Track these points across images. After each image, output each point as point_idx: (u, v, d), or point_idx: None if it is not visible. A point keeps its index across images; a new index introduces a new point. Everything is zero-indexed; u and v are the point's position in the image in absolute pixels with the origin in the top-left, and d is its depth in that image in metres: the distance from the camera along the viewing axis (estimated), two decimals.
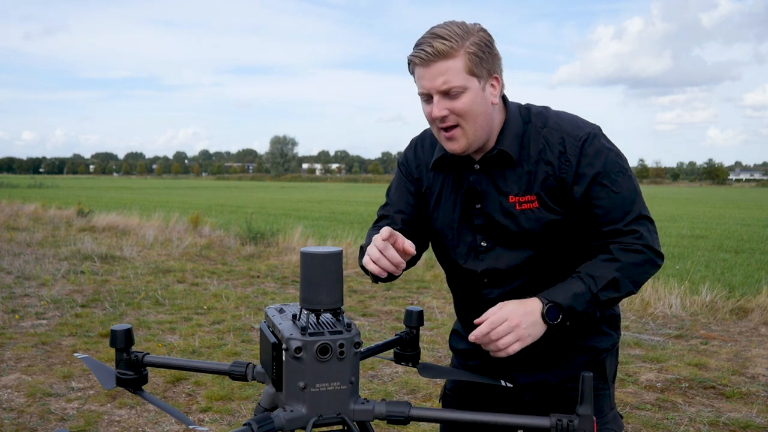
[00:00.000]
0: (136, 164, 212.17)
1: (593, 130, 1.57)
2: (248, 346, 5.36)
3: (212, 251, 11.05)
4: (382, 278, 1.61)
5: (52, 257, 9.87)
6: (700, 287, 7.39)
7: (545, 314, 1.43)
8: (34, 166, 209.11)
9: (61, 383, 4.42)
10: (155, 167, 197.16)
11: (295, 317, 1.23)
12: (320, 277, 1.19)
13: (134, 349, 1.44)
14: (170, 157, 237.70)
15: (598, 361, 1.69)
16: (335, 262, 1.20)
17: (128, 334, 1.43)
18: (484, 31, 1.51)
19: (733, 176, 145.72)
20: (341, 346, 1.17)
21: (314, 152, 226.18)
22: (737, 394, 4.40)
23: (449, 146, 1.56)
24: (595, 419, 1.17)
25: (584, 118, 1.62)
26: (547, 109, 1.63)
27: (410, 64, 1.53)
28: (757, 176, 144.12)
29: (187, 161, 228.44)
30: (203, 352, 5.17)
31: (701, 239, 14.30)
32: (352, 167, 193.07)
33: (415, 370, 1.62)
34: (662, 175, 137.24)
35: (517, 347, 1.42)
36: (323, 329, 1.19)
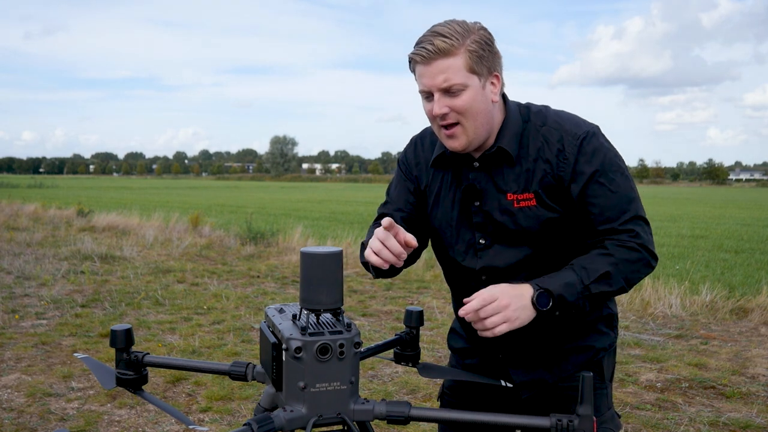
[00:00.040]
0: (136, 164, 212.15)
1: (592, 129, 1.57)
2: (248, 346, 5.36)
3: (212, 251, 11.05)
4: (383, 271, 1.62)
5: (52, 257, 9.87)
6: (700, 287, 7.39)
7: (535, 300, 1.42)
8: (34, 166, 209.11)
9: (61, 383, 4.42)
10: (155, 167, 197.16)
11: (295, 317, 1.23)
12: (320, 277, 1.19)
13: (134, 349, 1.44)
14: (170, 157, 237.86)
15: (595, 360, 1.69)
16: (335, 262, 1.20)
17: (128, 334, 1.43)
18: (484, 29, 1.52)
19: (733, 176, 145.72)
20: (341, 346, 1.17)
21: (314, 152, 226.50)
22: (737, 394, 4.40)
23: (450, 144, 1.57)
24: (595, 419, 1.17)
25: (584, 117, 1.63)
26: (546, 108, 1.63)
27: (411, 62, 1.53)
28: (757, 176, 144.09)
29: (187, 161, 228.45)
30: (203, 352, 5.17)
31: (701, 239, 14.30)
32: (352, 167, 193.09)
33: (415, 370, 1.63)
34: (662, 175, 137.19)
35: (504, 328, 1.40)
36: (323, 329, 1.19)
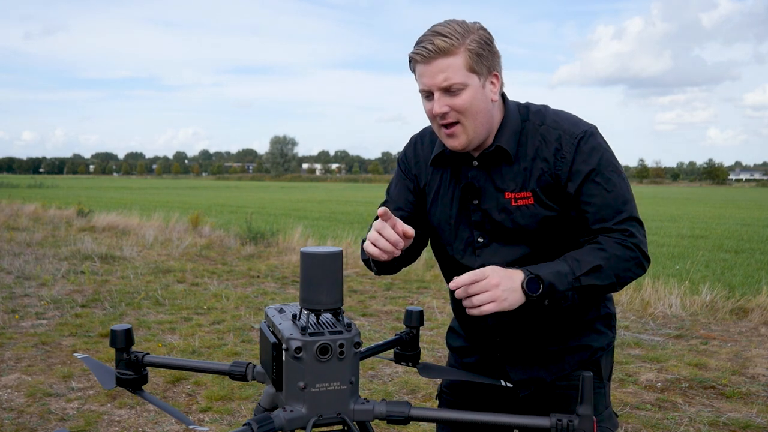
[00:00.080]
0: (136, 164, 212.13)
1: (590, 128, 1.58)
2: (248, 346, 5.36)
3: (212, 251, 11.05)
4: (384, 266, 1.63)
5: (52, 257, 9.87)
6: (700, 287, 7.39)
7: (525, 285, 1.41)
8: (34, 166, 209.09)
9: (61, 383, 4.42)
10: (155, 167, 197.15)
11: (295, 317, 1.23)
12: (320, 277, 1.19)
13: (134, 349, 1.44)
14: (170, 157, 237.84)
15: (593, 359, 1.70)
16: (335, 262, 1.20)
17: (128, 334, 1.43)
18: (483, 29, 1.53)
19: (733, 176, 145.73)
20: (341, 346, 1.17)
21: (314, 152, 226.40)
22: (737, 394, 4.40)
23: (450, 143, 1.57)
24: (595, 419, 1.17)
25: (583, 117, 1.64)
26: (545, 107, 1.64)
27: (411, 61, 1.54)
28: (757, 176, 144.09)
29: (187, 161, 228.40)
30: (203, 352, 5.17)
31: (701, 239, 14.29)
32: (352, 167, 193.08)
33: (415, 370, 1.63)
34: (662, 175, 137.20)
35: (491, 308, 1.39)
36: (323, 329, 1.19)
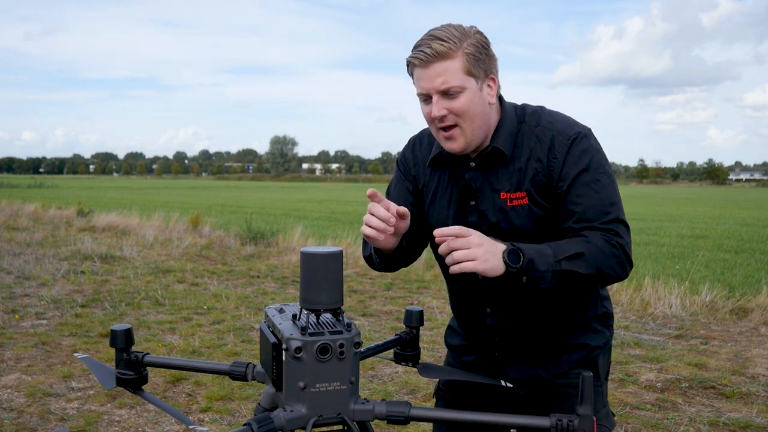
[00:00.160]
0: (136, 164, 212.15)
1: (584, 130, 1.60)
2: (248, 346, 5.36)
3: (212, 251, 11.05)
4: (384, 256, 1.65)
5: (52, 257, 9.87)
6: (700, 287, 7.39)
7: (506, 254, 1.42)
8: (34, 166, 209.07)
9: (61, 383, 4.42)
10: (155, 167, 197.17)
11: (295, 317, 1.23)
12: (320, 277, 1.19)
13: (134, 349, 1.44)
14: (170, 157, 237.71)
15: (590, 358, 1.72)
16: (335, 262, 1.20)
17: (128, 334, 1.43)
18: (480, 33, 1.55)
19: (733, 176, 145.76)
20: (341, 346, 1.17)
21: (314, 152, 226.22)
22: (737, 394, 4.40)
23: (448, 146, 1.59)
24: (595, 419, 1.17)
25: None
26: (542, 108, 1.66)
27: (409, 65, 1.57)
28: (757, 176, 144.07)
29: (187, 161, 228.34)
30: (203, 352, 5.18)
31: (701, 239, 14.30)
32: (352, 167, 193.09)
33: (415, 370, 1.63)
34: (662, 175, 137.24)
35: (470, 266, 1.38)
36: (323, 329, 1.19)
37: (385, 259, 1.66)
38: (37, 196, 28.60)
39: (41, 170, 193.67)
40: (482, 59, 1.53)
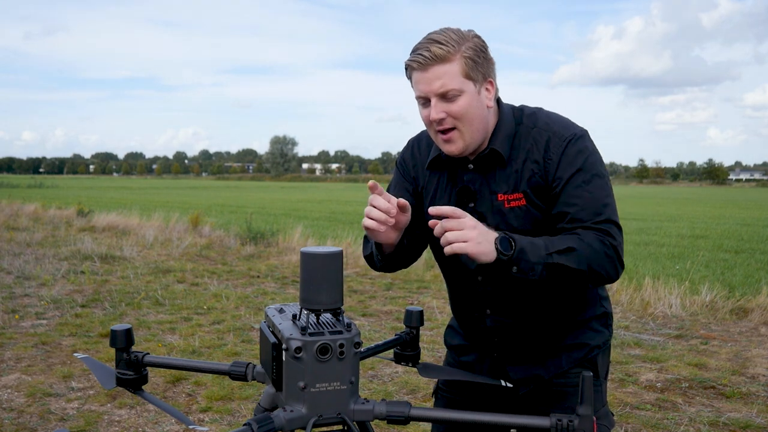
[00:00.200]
0: (136, 164, 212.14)
1: (580, 132, 1.61)
2: (248, 346, 5.36)
3: (212, 251, 11.05)
4: (386, 255, 1.65)
5: (52, 257, 9.87)
6: (700, 287, 7.39)
7: (498, 241, 1.42)
8: (34, 166, 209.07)
9: (61, 383, 4.42)
10: (155, 167, 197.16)
11: (295, 317, 1.23)
12: (320, 277, 1.19)
13: (134, 349, 1.44)
14: (170, 157, 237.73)
15: (589, 357, 1.73)
16: (335, 262, 1.20)
17: (128, 334, 1.43)
18: (478, 37, 1.57)
19: (733, 176, 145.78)
20: (341, 346, 1.17)
21: (314, 152, 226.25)
22: (737, 394, 4.40)
23: (446, 148, 1.60)
24: (595, 419, 1.17)
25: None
26: (539, 110, 1.67)
27: (408, 69, 1.58)
28: (757, 176, 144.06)
29: (187, 161, 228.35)
30: (203, 352, 5.18)
31: (701, 239, 14.30)
32: (352, 167, 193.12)
33: (415, 370, 1.63)
34: (662, 175, 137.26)
35: (461, 247, 1.38)
36: (323, 329, 1.19)
37: (386, 256, 1.67)
38: (37, 196, 28.60)
39: (41, 170, 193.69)
40: (480, 63, 1.54)
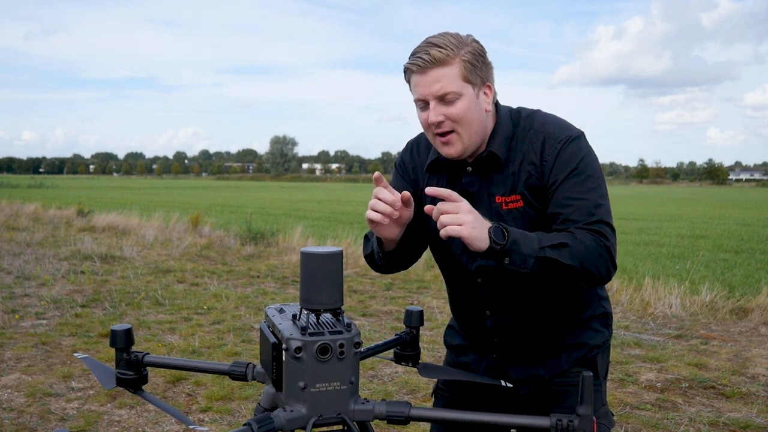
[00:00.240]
0: (136, 164, 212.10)
1: (576, 133, 1.61)
2: (248, 346, 5.36)
3: (212, 251, 11.05)
4: (387, 254, 1.66)
5: (52, 257, 9.87)
6: (700, 287, 7.39)
7: (492, 230, 1.42)
8: (34, 166, 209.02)
9: (61, 383, 4.42)
10: (155, 167, 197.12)
11: (295, 317, 1.23)
12: (320, 277, 1.19)
13: (134, 349, 1.44)
14: (170, 157, 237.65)
15: (589, 357, 1.74)
16: (335, 262, 1.20)
17: (128, 334, 1.43)
18: (477, 42, 1.58)
19: (733, 176, 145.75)
20: (341, 346, 1.17)
21: (314, 152, 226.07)
22: (737, 394, 4.40)
23: (445, 151, 1.61)
24: (595, 419, 1.17)
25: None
26: (536, 112, 1.68)
27: (406, 72, 1.58)
28: (757, 176, 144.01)
29: (187, 161, 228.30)
30: (203, 352, 5.18)
31: (701, 239, 14.30)
32: (352, 167, 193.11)
33: (415, 370, 1.63)
34: (662, 175, 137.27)
35: (455, 230, 1.38)
36: (323, 329, 1.19)
37: (387, 254, 1.67)
38: (37, 196, 28.60)
39: (41, 170, 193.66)
40: (479, 67, 1.55)
